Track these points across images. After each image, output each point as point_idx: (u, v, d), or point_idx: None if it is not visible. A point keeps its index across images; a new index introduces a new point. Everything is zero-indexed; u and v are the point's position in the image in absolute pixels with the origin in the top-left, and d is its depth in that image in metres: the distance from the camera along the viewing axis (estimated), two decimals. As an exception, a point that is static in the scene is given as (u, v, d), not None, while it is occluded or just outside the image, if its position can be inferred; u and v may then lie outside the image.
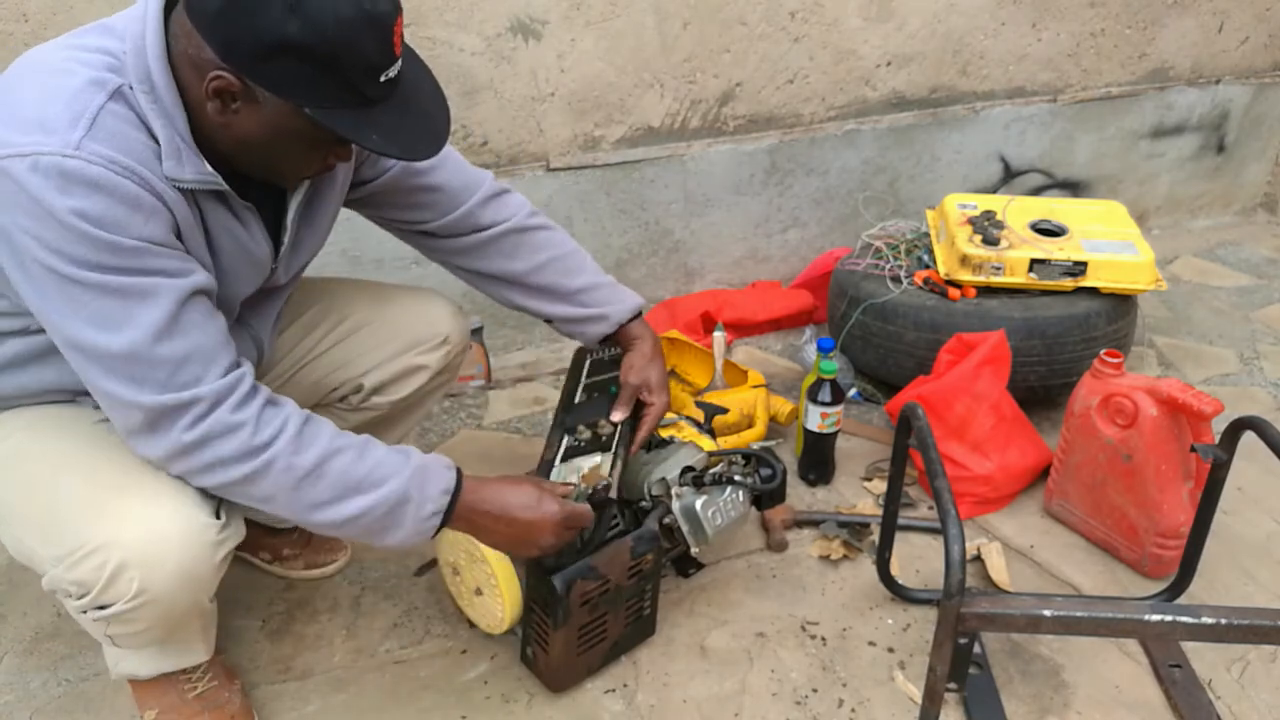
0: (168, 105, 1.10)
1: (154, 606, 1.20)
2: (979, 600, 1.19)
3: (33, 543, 1.22)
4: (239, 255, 1.25)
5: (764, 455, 1.61)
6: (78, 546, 1.16)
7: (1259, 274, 2.96)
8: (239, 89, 1.08)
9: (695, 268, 2.64)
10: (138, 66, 1.09)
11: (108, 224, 1.05)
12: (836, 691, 1.54)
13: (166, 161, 1.10)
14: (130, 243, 1.06)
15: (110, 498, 1.18)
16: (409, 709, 1.52)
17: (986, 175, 2.85)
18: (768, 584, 1.76)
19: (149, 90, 1.09)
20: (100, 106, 1.06)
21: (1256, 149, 3.23)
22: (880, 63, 2.57)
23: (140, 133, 1.09)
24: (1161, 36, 2.88)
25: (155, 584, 1.18)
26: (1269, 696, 1.53)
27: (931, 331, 2.09)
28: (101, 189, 1.04)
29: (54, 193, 1.02)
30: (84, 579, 1.17)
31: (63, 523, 1.19)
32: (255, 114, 1.10)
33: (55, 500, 1.20)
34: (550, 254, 1.56)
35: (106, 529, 1.16)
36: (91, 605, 1.19)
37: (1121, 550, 1.79)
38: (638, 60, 2.32)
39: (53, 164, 1.02)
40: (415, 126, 1.17)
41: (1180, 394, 1.64)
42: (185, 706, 1.40)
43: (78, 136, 1.04)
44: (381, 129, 1.12)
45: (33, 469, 1.24)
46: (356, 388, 1.56)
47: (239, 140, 1.13)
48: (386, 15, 1.08)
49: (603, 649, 1.54)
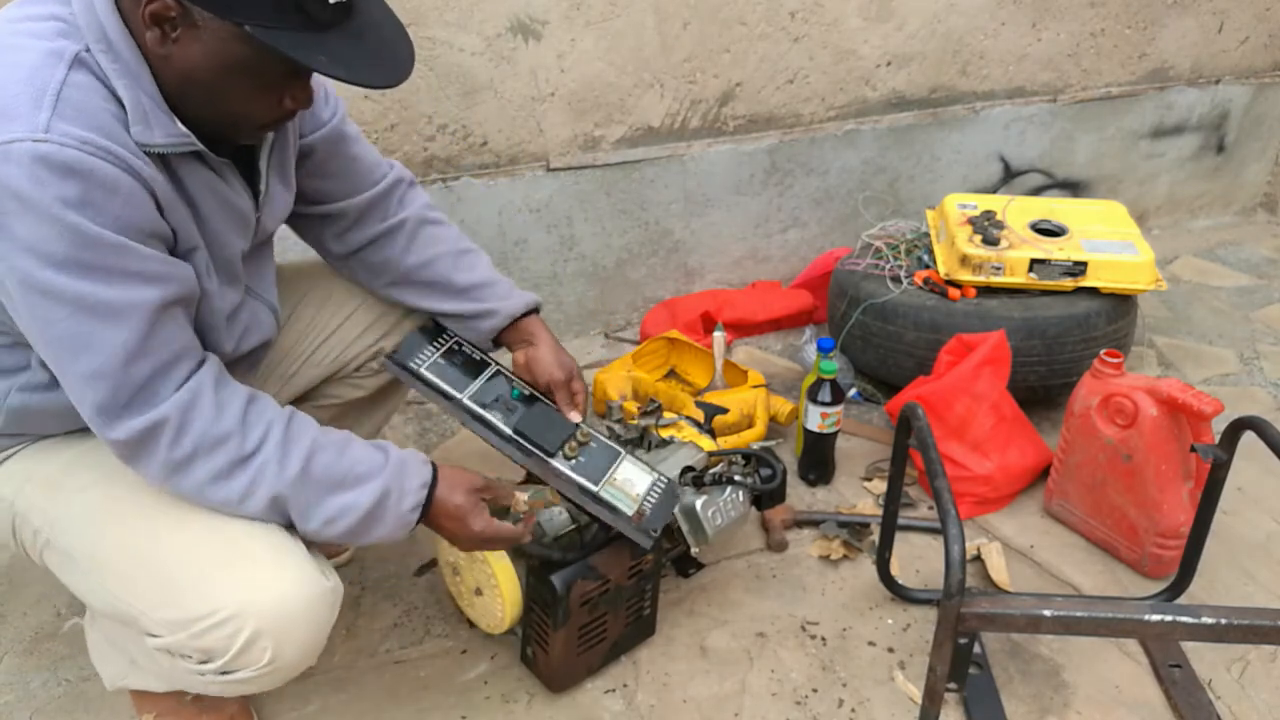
0: (129, 62, 1.04)
1: (280, 672, 1.19)
2: (979, 600, 1.19)
3: (140, 605, 1.16)
4: (224, 212, 1.20)
5: (764, 455, 1.61)
6: (207, 613, 1.12)
7: (1259, 274, 2.96)
8: (176, 10, 1.01)
9: (695, 268, 2.64)
10: (90, 25, 1.03)
11: (88, 211, 0.99)
12: (836, 691, 1.54)
13: (134, 126, 1.04)
14: (113, 238, 1.01)
15: (233, 561, 1.14)
16: (409, 709, 1.52)
17: (986, 175, 2.86)
18: (768, 584, 1.76)
19: (106, 49, 1.03)
20: (62, 81, 0.99)
21: (1256, 149, 3.23)
22: (880, 63, 2.57)
23: (107, 101, 1.03)
24: (1161, 36, 2.88)
25: (286, 653, 1.16)
26: (1269, 696, 1.53)
27: (931, 331, 2.09)
28: (77, 173, 0.98)
29: (30, 182, 0.96)
30: (212, 646, 1.13)
31: (181, 587, 1.14)
32: (196, 41, 1.03)
33: (166, 561, 1.16)
34: (444, 249, 1.51)
35: (238, 595, 1.12)
36: (215, 670, 1.16)
37: (1121, 550, 1.79)
38: (638, 60, 2.32)
39: (25, 150, 0.96)
40: (370, 55, 1.08)
41: (1180, 394, 1.64)
42: (184, 709, 1.40)
43: (44, 118, 0.97)
44: (329, 52, 1.03)
45: (129, 526, 1.19)
46: (376, 353, 1.56)
47: (183, 75, 1.05)
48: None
49: (603, 649, 1.54)
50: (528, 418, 1.46)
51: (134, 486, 1.17)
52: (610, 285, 2.56)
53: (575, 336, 2.57)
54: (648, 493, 1.45)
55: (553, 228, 2.41)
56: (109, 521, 1.19)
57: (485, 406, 1.46)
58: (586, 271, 2.51)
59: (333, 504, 1.17)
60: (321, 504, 1.17)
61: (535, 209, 2.37)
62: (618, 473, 1.46)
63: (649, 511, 1.42)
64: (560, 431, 1.46)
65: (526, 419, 1.45)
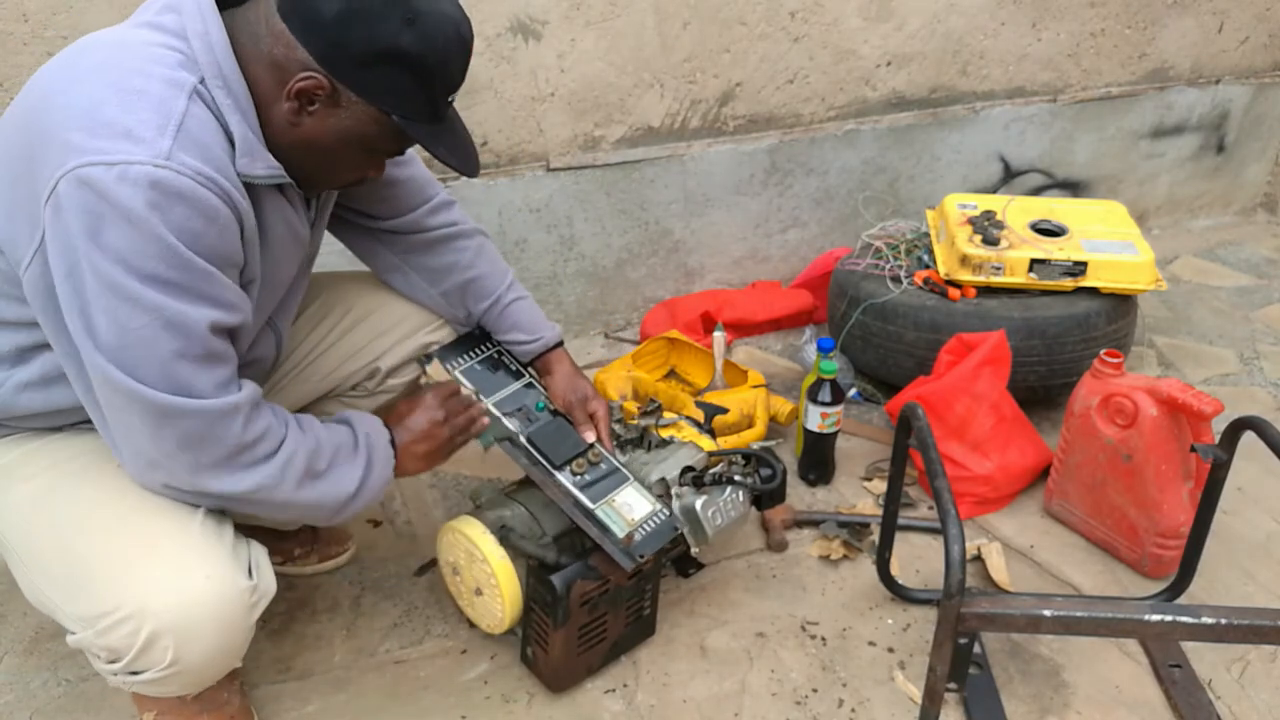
0: (240, 98, 1.12)
1: (187, 675, 1.20)
2: (979, 600, 1.19)
3: (57, 597, 1.20)
4: (288, 238, 1.28)
5: (764, 455, 1.60)
6: (109, 610, 1.14)
7: (1259, 274, 2.96)
8: (326, 91, 1.13)
9: (695, 268, 2.64)
10: (208, 61, 1.11)
11: (186, 235, 1.05)
12: (836, 691, 1.54)
13: (241, 158, 1.12)
14: (202, 265, 1.08)
15: (140, 557, 1.16)
16: (409, 709, 1.52)
17: (986, 175, 2.86)
18: (768, 584, 1.76)
19: (222, 84, 1.11)
20: (184, 111, 1.07)
21: (1256, 149, 3.23)
22: (880, 63, 2.57)
23: (218, 134, 1.11)
24: (1161, 36, 2.88)
25: (190, 654, 1.17)
26: (1269, 696, 1.53)
27: (931, 331, 2.09)
28: (185, 199, 1.05)
29: (143, 204, 1.02)
30: (115, 645, 1.15)
31: (93, 582, 1.16)
32: (329, 118, 1.15)
33: (81, 555, 1.18)
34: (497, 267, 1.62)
35: (140, 593, 1.14)
36: (123, 670, 1.18)
37: (1121, 550, 1.79)
38: (638, 60, 2.32)
39: (144, 174, 1.02)
40: (463, 145, 1.27)
41: (1180, 394, 1.64)
42: (185, 707, 1.40)
43: (167, 145, 1.04)
44: (444, 143, 1.22)
45: (60, 519, 1.21)
46: (372, 372, 1.58)
47: (303, 141, 1.17)
48: (470, 42, 1.20)
49: (603, 649, 1.54)
50: (543, 429, 1.54)
51: (76, 479, 1.22)
52: (610, 285, 2.56)
53: (575, 336, 2.57)
54: (644, 521, 1.47)
55: (553, 228, 2.41)
56: (40, 513, 1.22)
57: (506, 413, 1.54)
58: (586, 271, 2.51)
59: (345, 477, 1.27)
60: (331, 479, 1.26)
61: (535, 209, 2.37)
62: (618, 496, 1.49)
63: (639, 538, 1.44)
64: (571, 448, 1.53)
65: (541, 430, 1.54)
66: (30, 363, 1.20)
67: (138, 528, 1.17)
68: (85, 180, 1.01)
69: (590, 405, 1.59)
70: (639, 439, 1.67)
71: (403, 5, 1.11)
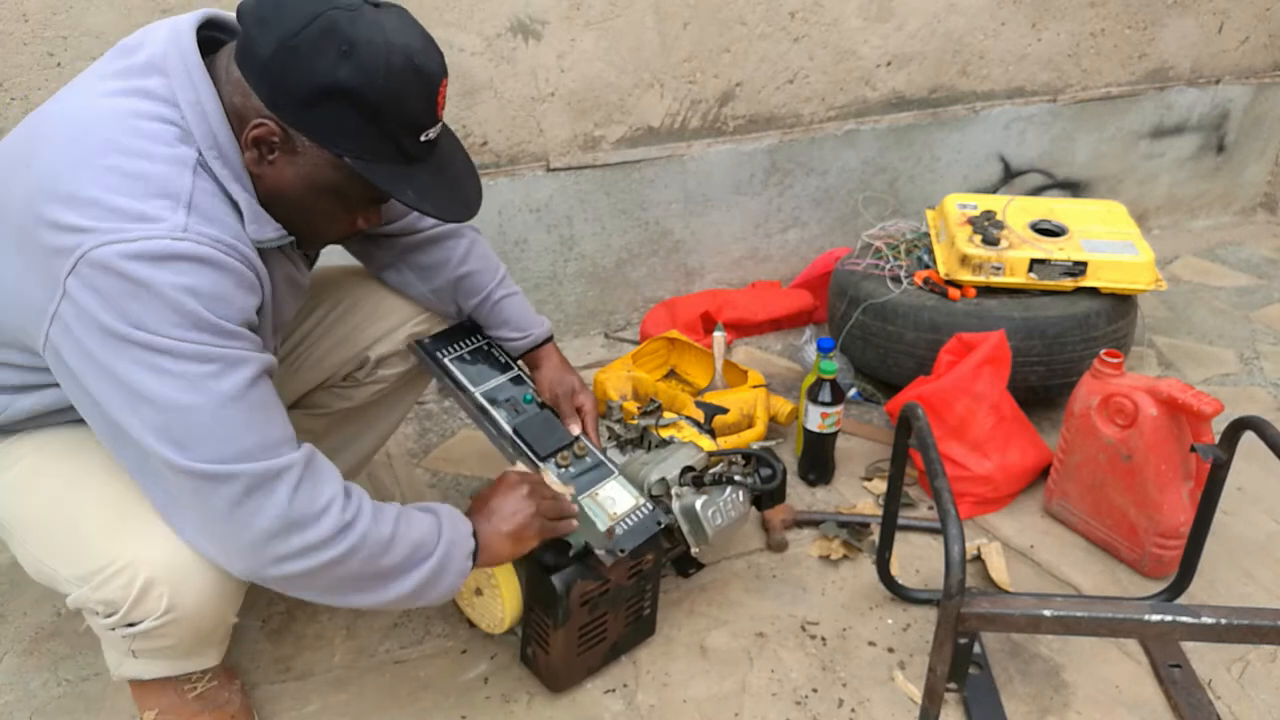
0: (236, 167, 1.12)
1: (183, 623, 1.21)
2: (979, 600, 1.19)
3: (55, 564, 1.21)
4: (290, 290, 1.31)
5: (764, 455, 1.60)
6: (104, 565, 1.16)
7: (1259, 274, 2.96)
8: (279, 137, 1.10)
9: (695, 268, 2.64)
10: (202, 132, 1.09)
11: (214, 301, 1.05)
12: (836, 691, 1.54)
13: (249, 225, 1.12)
14: (231, 327, 1.07)
15: (133, 513, 1.17)
16: (409, 709, 1.52)
17: (986, 175, 2.86)
18: (768, 584, 1.76)
19: (218, 155, 1.10)
20: (191, 187, 1.07)
21: (1256, 149, 3.23)
22: (880, 63, 2.57)
23: (225, 203, 1.11)
24: (1161, 36, 2.88)
25: (184, 600, 1.18)
26: (1269, 696, 1.53)
27: (931, 331, 2.09)
28: (209, 264, 1.05)
29: (162, 272, 1.01)
30: (111, 597, 1.17)
31: (85, 542, 1.18)
32: (291, 165, 1.12)
33: (75, 520, 1.20)
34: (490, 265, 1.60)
35: (132, 546, 1.16)
36: (121, 623, 1.19)
37: (1121, 550, 1.79)
38: (638, 60, 2.32)
39: (161, 247, 1.02)
40: (449, 189, 1.20)
41: (1180, 394, 1.64)
42: (185, 706, 1.40)
43: (182, 219, 1.04)
44: (416, 186, 1.15)
45: (49, 490, 1.23)
46: (361, 362, 1.59)
47: (273, 192, 1.15)
48: (434, 74, 1.11)
49: (603, 649, 1.54)
50: (529, 421, 1.54)
51: (57, 456, 1.24)
52: (610, 285, 2.56)
53: (575, 336, 2.57)
54: (627, 515, 1.48)
55: (553, 228, 2.41)
56: (30, 487, 1.25)
57: (494, 403, 1.55)
58: (586, 271, 2.51)
59: (416, 571, 1.20)
60: (404, 574, 1.20)
61: (535, 209, 2.37)
62: (602, 489, 1.50)
63: (621, 532, 1.45)
64: (557, 440, 1.54)
65: (528, 422, 1.54)
66: (32, 394, 1.23)
67: (127, 485, 1.18)
68: (101, 264, 1.01)
69: (577, 399, 1.59)
70: (639, 439, 1.67)
71: (338, 35, 1.05)
